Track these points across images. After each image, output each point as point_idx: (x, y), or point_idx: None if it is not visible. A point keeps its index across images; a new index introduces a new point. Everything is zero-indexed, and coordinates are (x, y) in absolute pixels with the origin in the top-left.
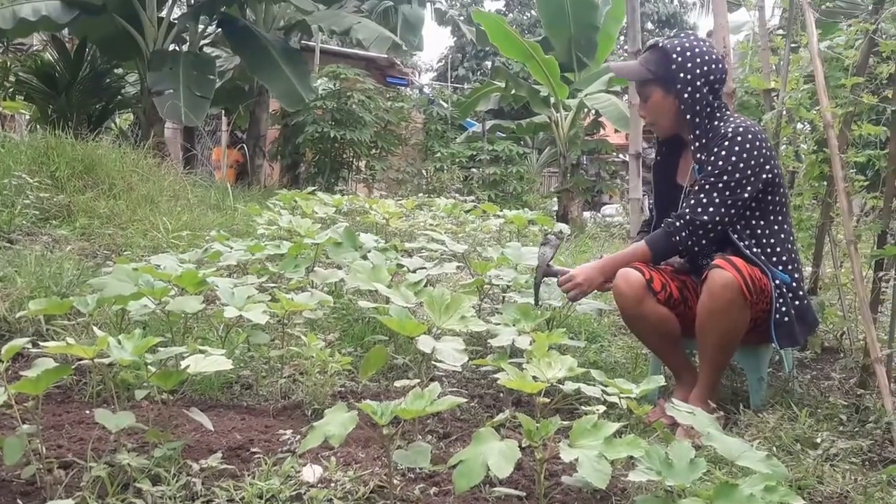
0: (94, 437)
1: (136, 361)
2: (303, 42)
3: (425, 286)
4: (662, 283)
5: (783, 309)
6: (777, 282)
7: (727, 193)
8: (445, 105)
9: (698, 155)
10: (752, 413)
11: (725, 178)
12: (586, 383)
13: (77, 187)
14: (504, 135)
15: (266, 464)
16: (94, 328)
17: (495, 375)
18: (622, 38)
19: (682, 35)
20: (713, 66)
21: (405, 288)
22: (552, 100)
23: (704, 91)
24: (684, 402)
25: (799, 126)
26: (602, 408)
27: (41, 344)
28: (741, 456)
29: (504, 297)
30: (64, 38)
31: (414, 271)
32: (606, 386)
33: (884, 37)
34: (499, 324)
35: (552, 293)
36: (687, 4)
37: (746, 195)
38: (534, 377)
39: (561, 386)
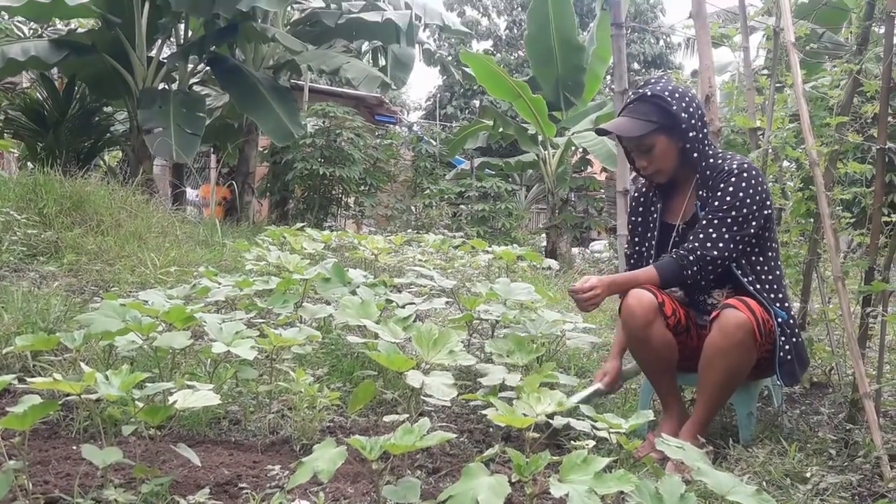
0: (81, 473)
1: (123, 397)
2: (292, 81)
3: (414, 321)
4: (673, 309)
5: (786, 347)
6: (779, 320)
7: (735, 229)
8: (434, 142)
9: (700, 192)
10: (741, 448)
11: (733, 213)
12: (576, 418)
13: (65, 224)
14: (492, 172)
15: (254, 499)
16: (82, 364)
17: (485, 410)
18: (608, 77)
19: (658, 79)
20: (697, 101)
21: (394, 323)
22: (540, 138)
23: (700, 127)
24: (672, 435)
25: (785, 164)
26: (591, 443)
27: (28, 380)
28: (731, 490)
29: (493, 333)
30: (53, 76)
31: (403, 307)
32: (596, 421)
33: (868, 77)
34: (491, 353)
35: (539, 325)
36: (672, 45)
37: (752, 230)
38: (523, 412)
39: (550, 421)
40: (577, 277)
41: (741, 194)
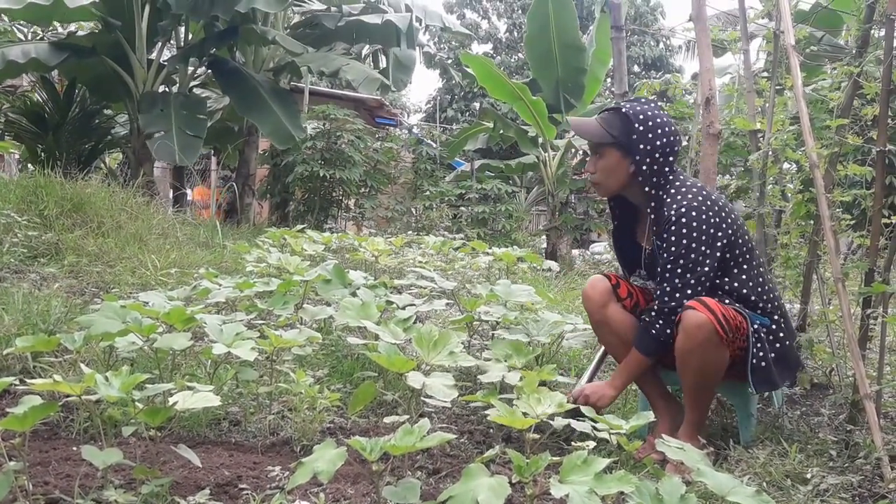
0: (81, 474)
1: (123, 398)
2: (292, 83)
3: (414, 323)
4: (629, 291)
5: (760, 354)
6: (756, 325)
7: (688, 275)
8: (434, 144)
9: (654, 227)
10: (741, 449)
11: (682, 261)
12: (576, 419)
13: (66, 226)
14: (492, 174)
15: (254, 500)
16: (82, 365)
17: (485, 411)
18: (609, 80)
19: (643, 101)
20: (671, 137)
21: (394, 324)
22: (540, 140)
23: (660, 161)
24: (669, 434)
25: (785, 166)
26: (591, 443)
27: (28, 381)
28: (732, 491)
29: (493, 334)
30: (53, 78)
31: (403, 308)
32: (596, 422)
33: (867, 79)
34: (489, 359)
35: (540, 329)
36: (672, 48)
37: (707, 268)
38: (524, 413)
39: (550, 422)
40: (578, 279)
41: (684, 241)
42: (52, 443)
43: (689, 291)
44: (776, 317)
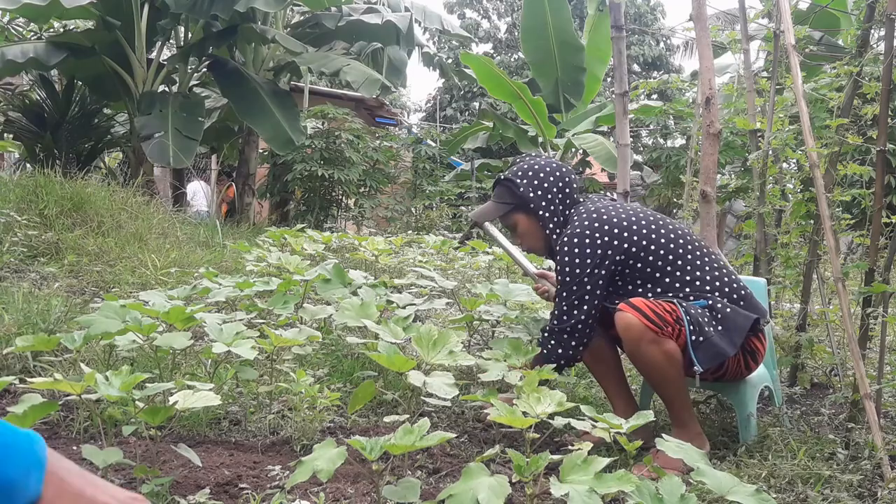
0: None
1: (123, 397)
2: (292, 83)
3: (414, 322)
4: None
5: (698, 330)
6: (690, 311)
7: (574, 297)
8: (433, 144)
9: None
10: (741, 448)
11: (567, 281)
12: (576, 418)
13: (65, 225)
14: (492, 173)
15: (254, 500)
16: (82, 364)
17: (485, 411)
18: (609, 79)
19: (519, 159)
20: (555, 174)
21: (394, 324)
22: (540, 139)
23: (558, 200)
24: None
25: (784, 165)
26: (590, 444)
27: (28, 380)
28: (731, 490)
29: (493, 333)
30: (52, 77)
31: (403, 307)
32: (596, 421)
33: (867, 79)
34: (489, 359)
35: (540, 328)
36: (672, 47)
37: (592, 287)
38: (523, 412)
39: (550, 421)
40: None
41: (567, 267)
42: (53, 442)
43: (575, 312)
44: (716, 294)
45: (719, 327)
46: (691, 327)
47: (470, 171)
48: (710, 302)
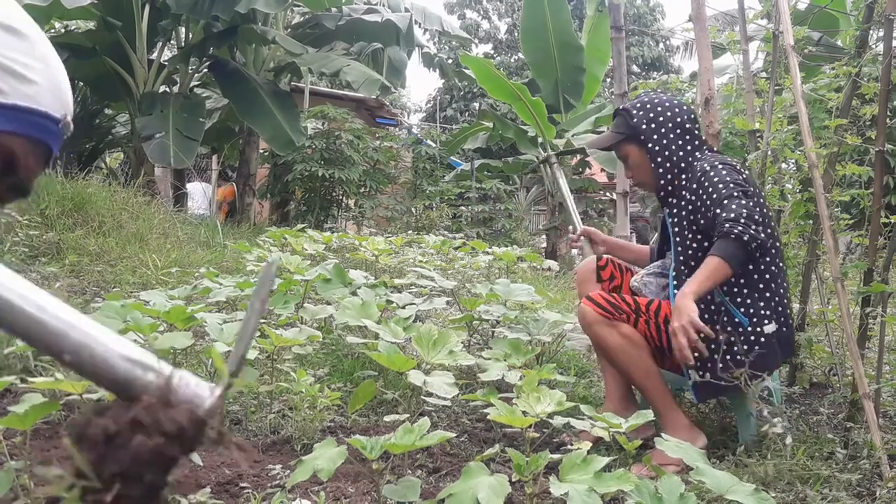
0: None
1: None
2: (293, 83)
3: (415, 322)
4: (612, 273)
5: (709, 367)
6: (737, 321)
7: (739, 193)
8: (433, 144)
9: (670, 199)
10: (740, 448)
11: (729, 183)
12: (575, 418)
13: (67, 225)
14: (492, 173)
15: (255, 499)
16: None
17: (485, 410)
18: (608, 80)
19: (643, 93)
20: (675, 109)
21: (394, 324)
22: (540, 140)
23: (672, 136)
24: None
25: (784, 166)
26: (589, 443)
27: (29, 380)
28: (730, 490)
29: (493, 333)
30: None
31: (403, 307)
32: (596, 420)
33: (866, 80)
34: (489, 359)
35: (541, 328)
36: (672, 48)
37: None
38: (523, 412)
39: (550, 421)
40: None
41: (724, 173)
42: (54, 441)
43: (746, 202)
44: (756, 321)
45: (737, 356)
46: (699, 363)
47: (470, 172)
48: (754, 321)
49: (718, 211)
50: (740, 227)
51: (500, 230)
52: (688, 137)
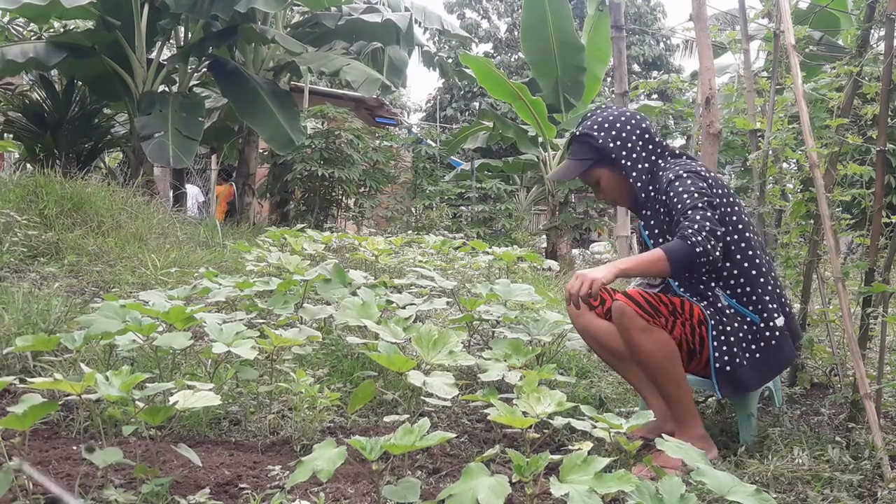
0: (81, 473)
1: (123, 397)
2: (292, 83)
3: (415, 322)
4: (600, 299)
5: (727, 359)
6: (730, 328)
7: (704, 205)
8: (433, 143)
9: (643, 211)
10: (741, 448)
11: (694, 193)
12: (576, 418)
13: (65, 225)
14: (492, 173)
15: (254, 500)
16: (82, 364)
17: (485, 410)
18: (609, 79)
19: (591, 113)
20: (633, 120)
21: (394, 324)
22: (540, 139)
23: (639, 146)
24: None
25: (784, 165)
26: (589, 444)
27: (28, 380)
28: (731, 490)
29: (493, 333)
30: (52, 77)
31: (403, 307)
32: (596, 421)
33: (867, 79)
34: (489, 359)
35: (541, 329)
36: (672, 47)
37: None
38: (523, 412)
39: (551, 421)
40: None
41: (689, 184)
42: (52, 442)
43: (709, 214)
44: (766, 316)
45: (757, 354)
46: (716, 354)
47: (470, 171)
48: (765, 316)
49: (682, 219)
50: (699, 237)
51: (500, 230)
52: (651, 147)
